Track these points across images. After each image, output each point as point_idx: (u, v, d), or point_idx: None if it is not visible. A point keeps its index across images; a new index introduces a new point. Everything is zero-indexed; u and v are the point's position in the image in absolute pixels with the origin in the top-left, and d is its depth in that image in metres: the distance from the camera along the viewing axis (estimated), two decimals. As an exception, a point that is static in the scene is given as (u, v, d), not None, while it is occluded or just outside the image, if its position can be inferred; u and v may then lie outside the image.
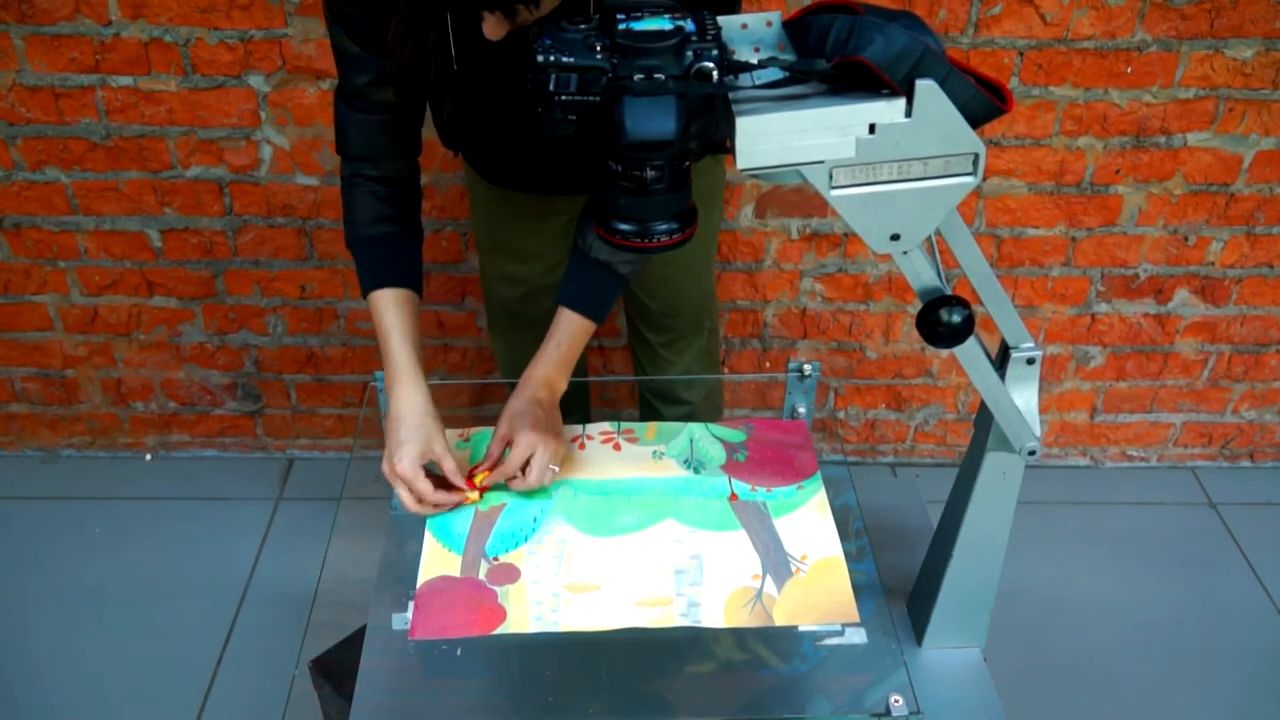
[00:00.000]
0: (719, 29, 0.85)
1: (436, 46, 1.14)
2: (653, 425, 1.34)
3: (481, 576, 1.12)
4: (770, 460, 1.28)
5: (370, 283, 1.25)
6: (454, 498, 1.19)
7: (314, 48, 1.79)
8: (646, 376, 1.72)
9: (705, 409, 1.70)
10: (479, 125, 1.30)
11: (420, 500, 1.18)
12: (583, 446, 1.31)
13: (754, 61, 0.86)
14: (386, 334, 1.23)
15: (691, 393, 1.69)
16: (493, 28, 1.01)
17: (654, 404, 1.74)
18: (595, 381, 2.13)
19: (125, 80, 1.83)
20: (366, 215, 1.26)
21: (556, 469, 1.22)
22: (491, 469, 1.21)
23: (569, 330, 1.27)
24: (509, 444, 1.21)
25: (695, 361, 1.68)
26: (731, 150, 0.82)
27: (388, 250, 1.27)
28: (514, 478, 1.21)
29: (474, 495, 1.20)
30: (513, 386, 1.27)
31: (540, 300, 1.57)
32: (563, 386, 1.29)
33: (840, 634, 1.07)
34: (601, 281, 1.28)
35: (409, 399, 1.20)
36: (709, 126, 0.87)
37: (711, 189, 1.53)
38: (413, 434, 1.18)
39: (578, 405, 1.78)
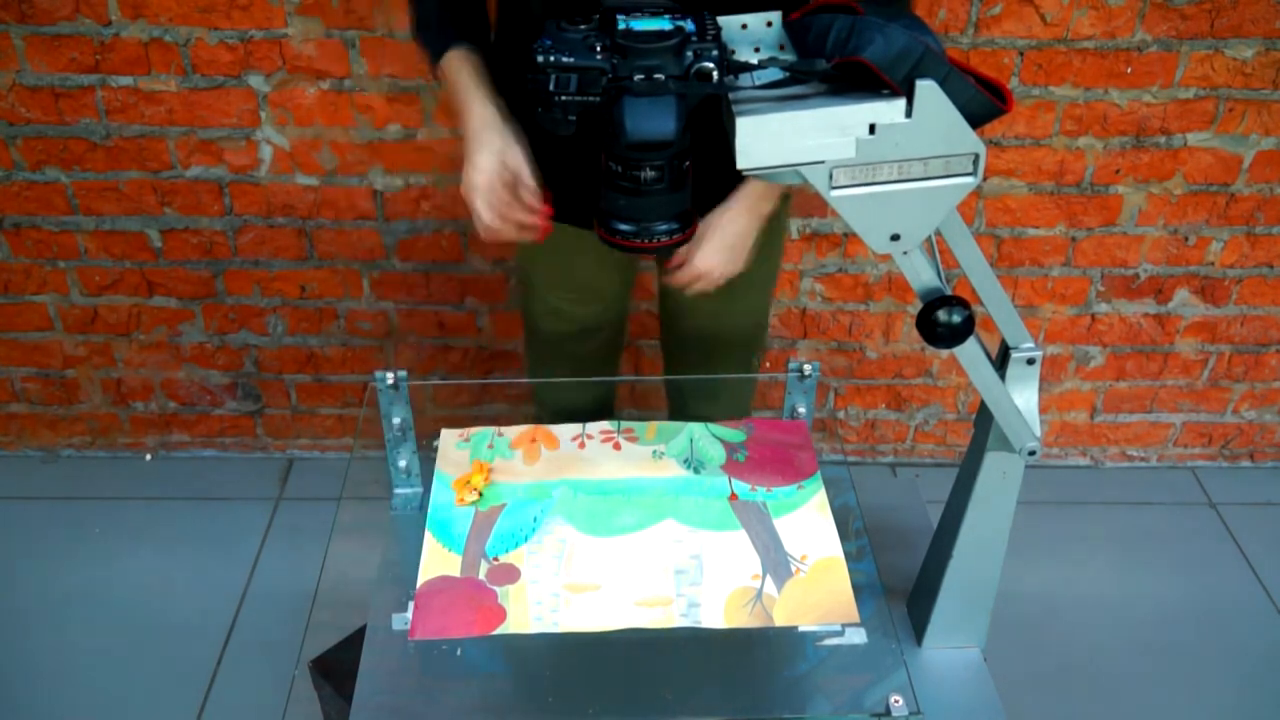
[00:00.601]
0: (719, 29, 0.85)
1: None
2: (653, 424, 1.34)
3: (481, 576, 1.12)
4: (770, 460, 1.28)
5: (447, 41, 1.19)
6: (531, 220, 1.13)
7: (314, 48, 1.79)
8: (672, 376, 1.71)
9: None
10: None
11: (502, 217, 1.13)
12: (583, 445, 1.30)
13: (754, 61, 0.86)
14: (468, 85, 1.17)
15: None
16: None
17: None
18: (620, 382, 2.10)
19: (125, 80, 1.83)
20: None
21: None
22: None
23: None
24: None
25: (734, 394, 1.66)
26: (731, 150, 0.82)
27: (462, 10, 1.22)
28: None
29: (547, 222, 1.14)
30: (531, 396, 1.24)
31: (586, 340, 1.59)
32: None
33: (840, 634, 1.07)
34: None
35: (482, 112, 1.14)
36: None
37: (774, 229, 1.40)
38: (488, 145, 1.13)
39: (603, 408, 1.77)
